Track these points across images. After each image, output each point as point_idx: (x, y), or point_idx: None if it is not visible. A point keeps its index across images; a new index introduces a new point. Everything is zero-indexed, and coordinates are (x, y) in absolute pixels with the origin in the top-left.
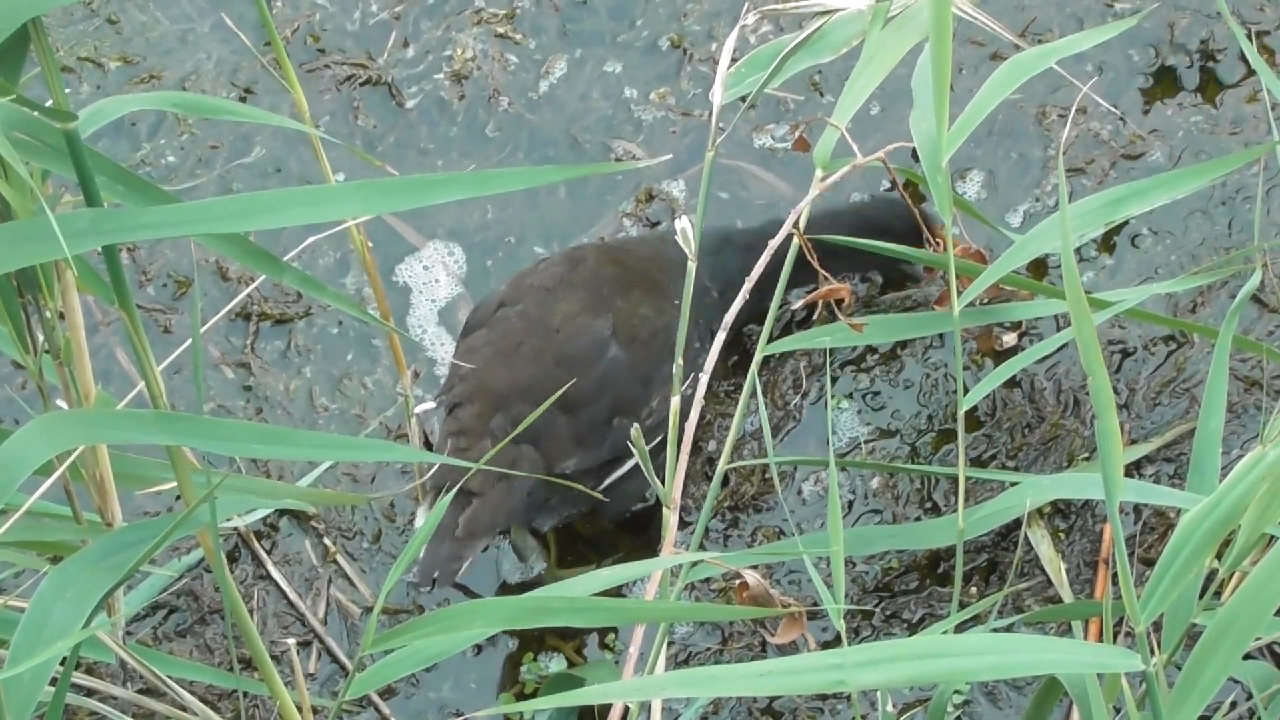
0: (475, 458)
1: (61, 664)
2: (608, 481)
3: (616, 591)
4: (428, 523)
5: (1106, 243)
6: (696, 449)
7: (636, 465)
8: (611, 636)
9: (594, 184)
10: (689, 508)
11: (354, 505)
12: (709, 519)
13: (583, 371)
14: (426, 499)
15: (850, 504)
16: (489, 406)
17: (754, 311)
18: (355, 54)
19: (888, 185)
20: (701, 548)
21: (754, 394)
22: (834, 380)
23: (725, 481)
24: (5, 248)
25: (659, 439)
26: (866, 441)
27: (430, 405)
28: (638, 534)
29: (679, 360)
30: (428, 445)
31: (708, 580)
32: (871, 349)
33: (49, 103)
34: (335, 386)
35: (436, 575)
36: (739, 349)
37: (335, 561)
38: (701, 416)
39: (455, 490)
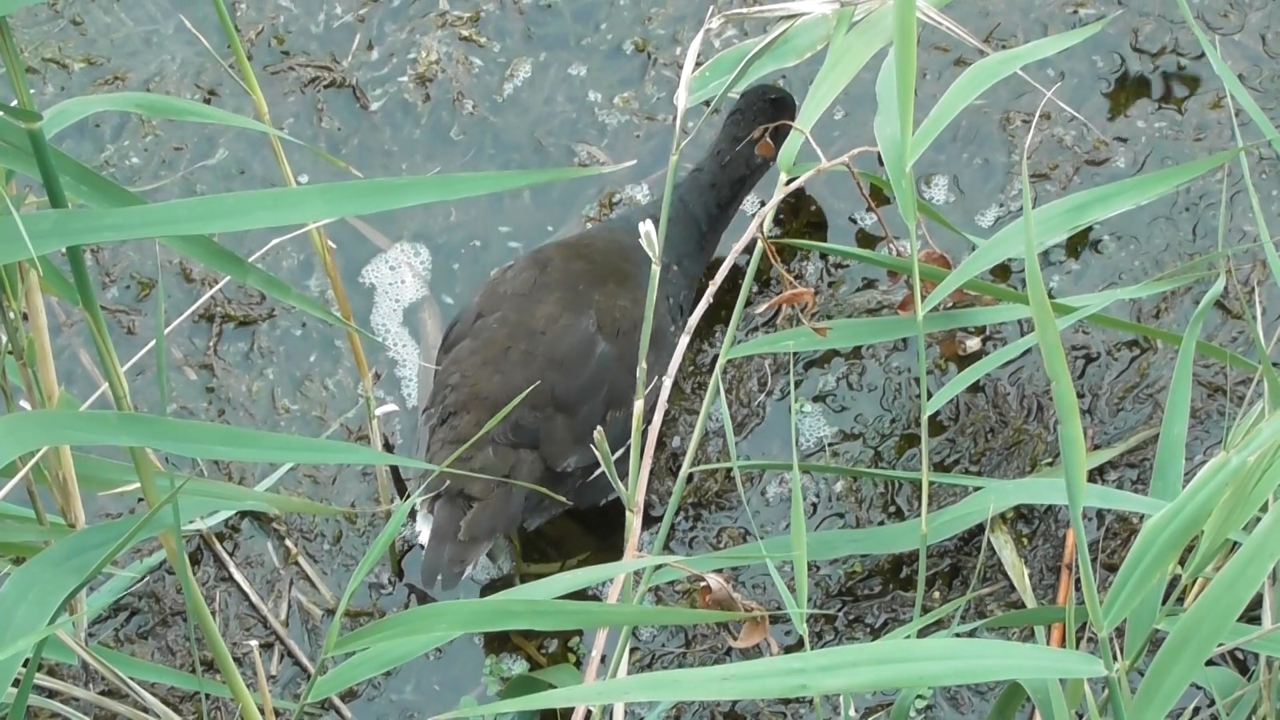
0: (478, 466)
1: (24, 665)
2: (594, 475)
3: (580, 594)
4: (386, 531)
5: (1071, 248)
6: (661, 445)
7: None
8: (575, 640)
9: (558, 187)
10: (653, 503)
11: (317, 514)
12: (672, 521)
13: (574, 370)
14: (424, 506)
15: (814, 507)
16: (486, 413)
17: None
18: (319, 56)
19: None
20: (666, 549)
21: (718, 393)
22: (798, 382)
23: (689, 479)
24: None
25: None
26: (830, 444)
27: (392, 408)
28: (603, 535)
29: (642, 364)
30: (388, 447)
31: (672, 582)
32: (836, 350)
33: (13, 103)
34: (297, 388)
35: (440, 578)
36: (705, 340)
37: (297, 563)
38: (667, 413)
39: (455, 495)
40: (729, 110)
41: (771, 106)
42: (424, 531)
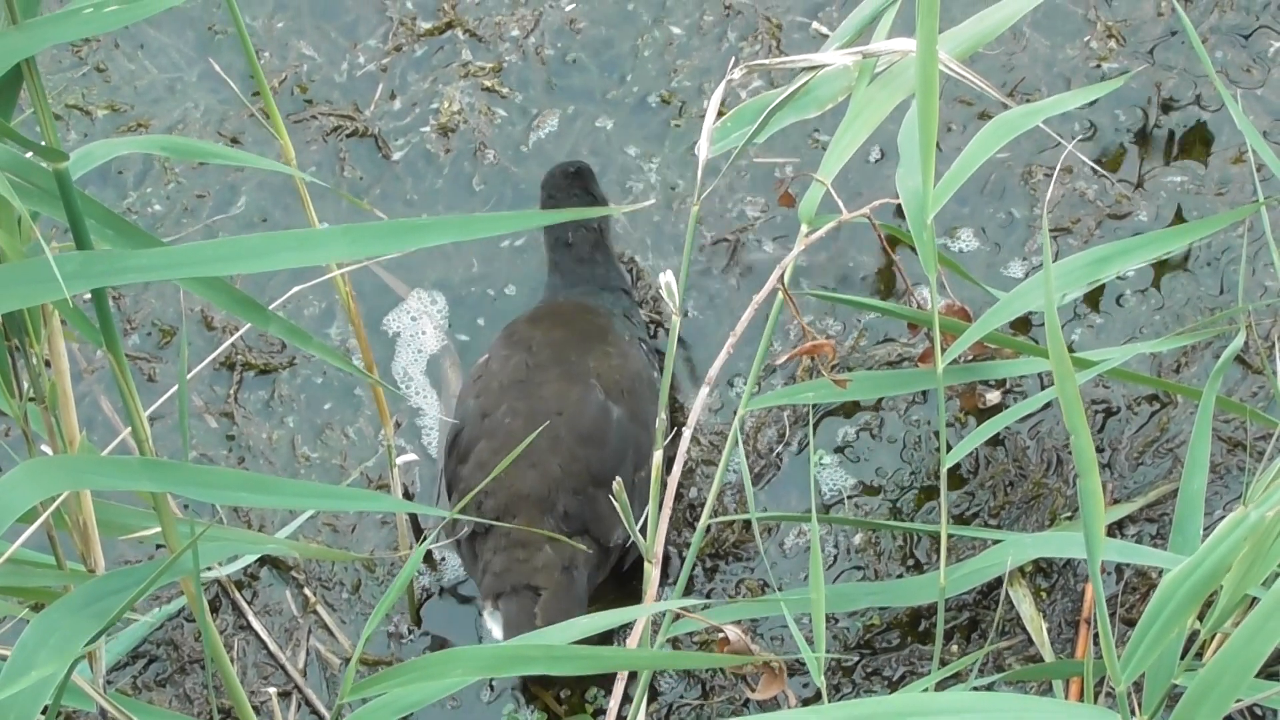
0: (540, 564)
1: (43, 712)
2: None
3: (598, 641)
4: (402, 574)
5: (1092, 301)
6: (679, 496)
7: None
8: (593, 690)
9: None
10: (670, 553)
11: (337, 561)
12: (690, 571)
13: (600, 442)
14: (488, 604)
15: (833, 559)
16: (535, 509)
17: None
18: (342, 105)
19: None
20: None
21: (736, 444)
22: (816, 429)
23: (707, 530)
24: None
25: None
26: (850, 497)
27: (412, 457)
28: (621, 585)
29: (662, 415)
30: (408, 495)
31: (690, 633)
32: (856, 402)
33: (40, 144)
34: (317, 436)
35: None
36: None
37: (315, 612)
38: (685, 464)
39: (520, 589)
40: (547, 202)
41: (574, 178)
42: (495, 629)
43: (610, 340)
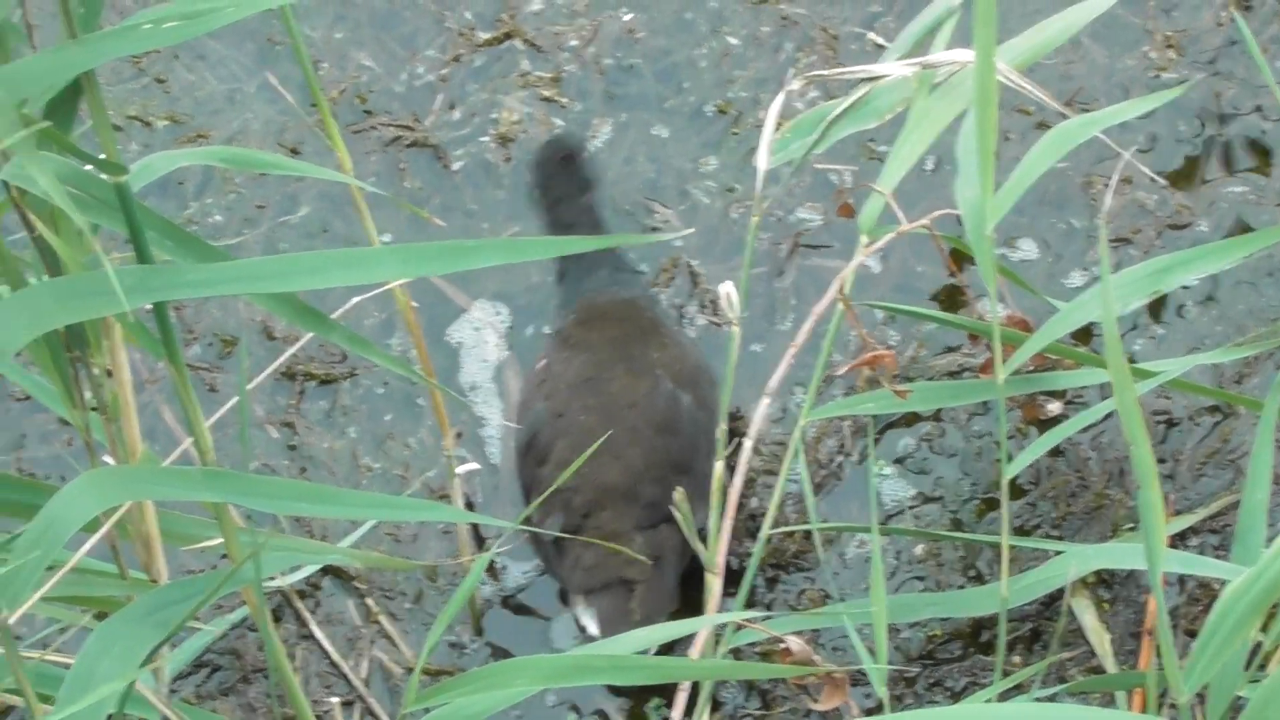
0: (631, 558)
1: None
2: None
3: (661, 652)
4: (465, 584)
5: (1153, 312)
6: (740, 506)
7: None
8: (656, 699)
9: (636, 247)
10: (732, 563)
11: (398, 570)
12: (751, 581)
13: (676, 430)
14: (580, 600)
15: (894, 569)
16: (622, 501)
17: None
18: (402, 115)
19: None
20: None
21: (797, 455)
22: (877, 440)
23: (768, 539)
24: (56, 302)
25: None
26: (910, 507)
27: (474, 466)
28: (683, 595)
29: (722, 425)
30: (469, 505)
31: (752, 643)
32: (916, 412)
33: (100, 157)
34: (379, 446)
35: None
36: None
37: (378, 621)
38: (745, 474)
39: (613, 584)
40: (532, 187)
41: (564, 164)
42: (590, 625)
43: (663, 332)
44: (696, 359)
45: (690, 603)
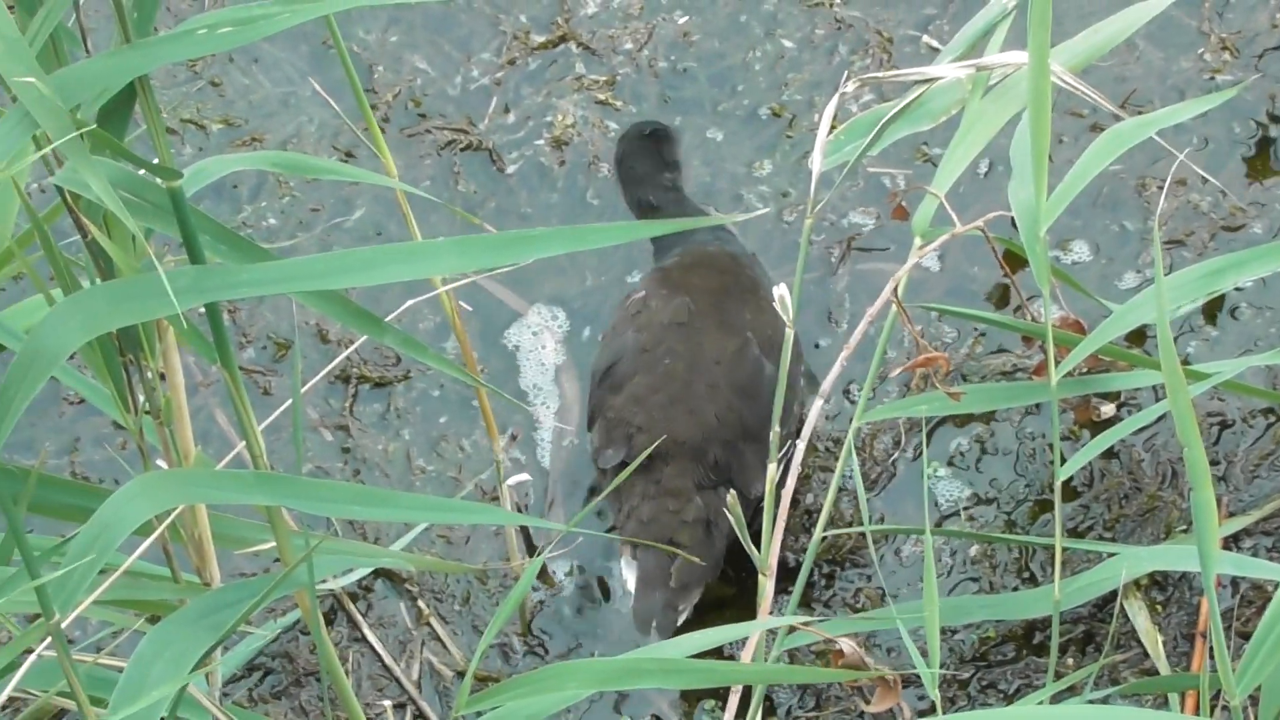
0: (688, 518)
1: None
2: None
3: (713, 654)
4: (516, 591)
5: (1208, 314)
6: (795, 502)
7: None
8: (711, 701)
9: None
10: (786, 559)
11: (450, 573)
12: (806, 580)
13: (755, 396)
14: (626, 550)
15: (949, 569)
16: (687, 458)
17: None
18: (456, 119)
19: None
20: (801, 608)
21: (851, 454)
22: (929, 439)
23: (823, 538)
24: (110, 305)
25: (790, 448)
26: (965, 508)
27: (524, 477)
28: (738, 595)
29: (776, 426)
30: (520, 509)
31: (808, 645)
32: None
33: (154, 161)
34: (432, 448)
35: (656, 625)
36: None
37: (429, 624)
38: (799, 471)
39: (664, 543)
40: (616, 166)
41: (649, 139)
42: (629, 578)
43: (761, 295)
44: (779, 329)
45: (746, 603)
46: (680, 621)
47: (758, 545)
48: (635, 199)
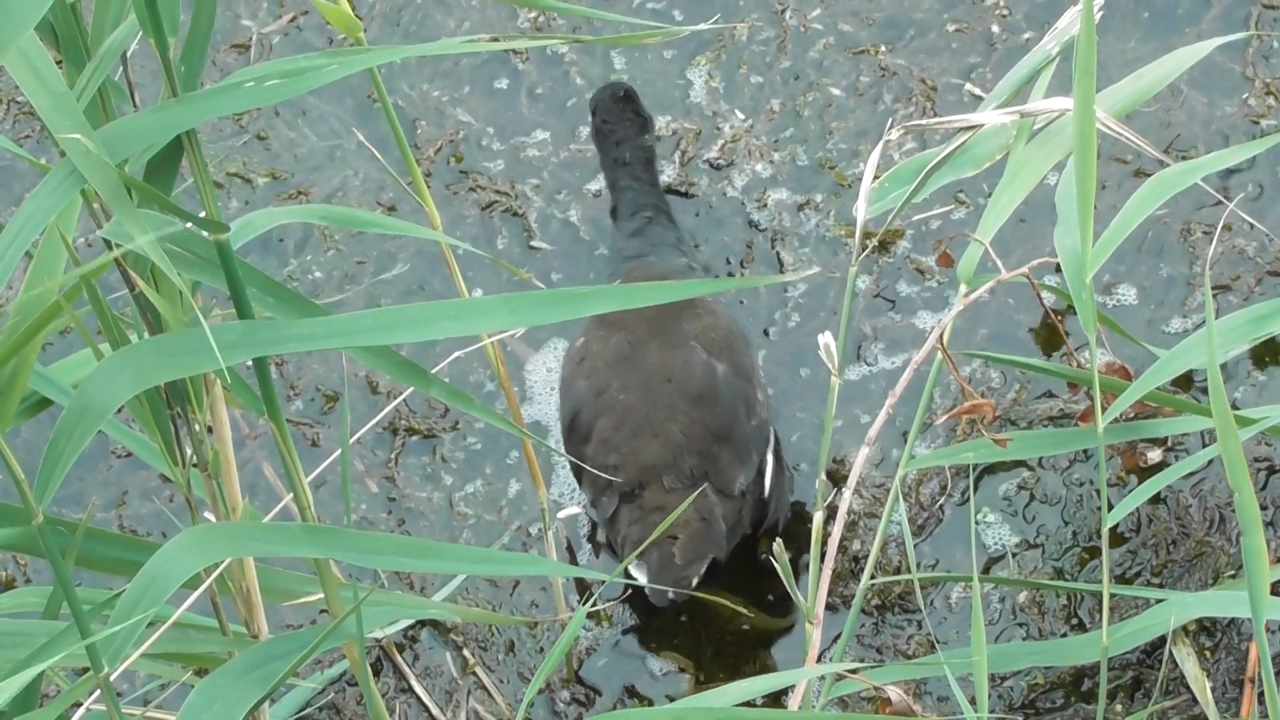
0: (680, 520)
1: None
2: (768, 488)
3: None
4: (562, 640)
5: (1255, 359)
6: (842, 549)
7: (776, 465)
8: None
9: (741, 293)
10: (834, 604)
11: (496, 624)
12: (854, 627)
13: (712, 399)
14: (634, 563)
15: (998, 615)
16: (665, 479)
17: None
18: (500, 181)
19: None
20: (849, 652)
21: (898, 500)
22: (977, 486)
23: (870, 586)
24: (157, 359)
25: (769, 435)
26: (1013, 554)
27: (575, 510)
28: (788, 641)
29: (821, 475)
30: (569, 549)
31: (856, 693)
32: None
33: (201, 214)
34: (479, 498)
35: (671, 596)
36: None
37: (474, 673)
38: (845, 519)
39: (661, 541)
40: (594, 128)
41: (625, 101)
42: (640, 577)
43: (697, 303)
44: (729, 324)
45: (794, 648)
46: (695, 584)
47: (755, 544)
48: (613, 159)
